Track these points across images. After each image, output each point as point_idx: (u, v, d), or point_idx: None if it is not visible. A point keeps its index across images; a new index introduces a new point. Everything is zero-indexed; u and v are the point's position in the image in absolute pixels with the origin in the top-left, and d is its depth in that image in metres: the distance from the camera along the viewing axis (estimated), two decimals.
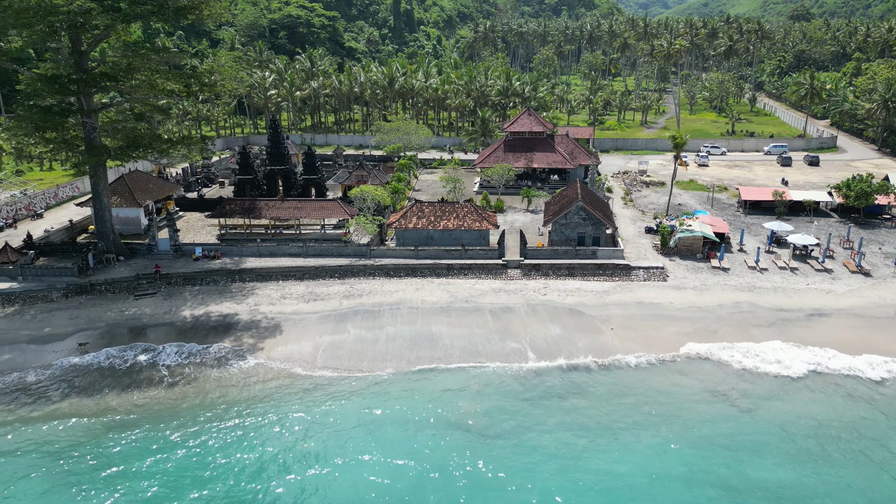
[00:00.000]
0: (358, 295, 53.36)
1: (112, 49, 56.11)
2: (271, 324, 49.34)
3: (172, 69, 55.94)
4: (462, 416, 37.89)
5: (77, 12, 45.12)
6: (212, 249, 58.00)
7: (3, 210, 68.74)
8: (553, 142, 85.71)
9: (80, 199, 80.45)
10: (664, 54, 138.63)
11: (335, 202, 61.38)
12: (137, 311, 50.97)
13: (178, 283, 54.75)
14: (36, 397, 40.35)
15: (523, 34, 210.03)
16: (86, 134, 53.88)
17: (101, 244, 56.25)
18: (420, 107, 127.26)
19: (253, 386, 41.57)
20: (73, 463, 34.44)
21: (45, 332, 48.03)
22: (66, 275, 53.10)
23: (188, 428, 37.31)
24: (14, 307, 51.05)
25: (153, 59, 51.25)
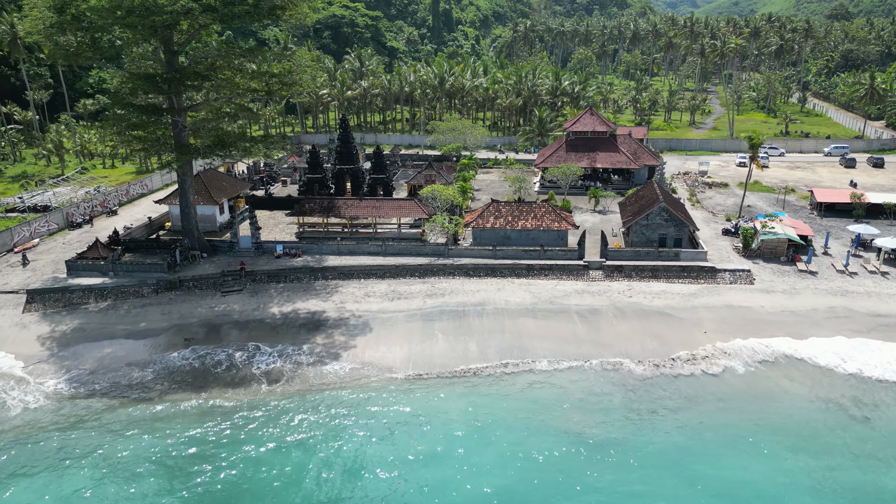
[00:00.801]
0: (440, 294, 53.46)
1: (195, 50, 56.82)
2: (359, 322, 49.68)
3: (253, 69, 56.44)
4: (571, 423, 37.39)
5: (180, 12, 45.92)
6: (292, 247, 58.60)
7: (80, 207, 70.37)
8: (615, 142, 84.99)
9: (158, 197, 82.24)
10: (717, 53, 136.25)
11: (412, 201, 61.58)
12: (227, 308, 51.71)
13: (262, 281, 55.44)
14: (141, 392, 41.14)
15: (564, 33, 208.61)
16: (175, 133, 54.84)
17: (186, 241, 57.17)
18: (469, 106, 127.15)
19: (351, 386, 41.80)
20: (182, 462, 34.98)
21: (140, 326, 49.01)
22: (155, 271, 54.11)
23: (295, 430, 37.68)
24: (107, 302, 52.17)
25: (246, 59, 51.97)
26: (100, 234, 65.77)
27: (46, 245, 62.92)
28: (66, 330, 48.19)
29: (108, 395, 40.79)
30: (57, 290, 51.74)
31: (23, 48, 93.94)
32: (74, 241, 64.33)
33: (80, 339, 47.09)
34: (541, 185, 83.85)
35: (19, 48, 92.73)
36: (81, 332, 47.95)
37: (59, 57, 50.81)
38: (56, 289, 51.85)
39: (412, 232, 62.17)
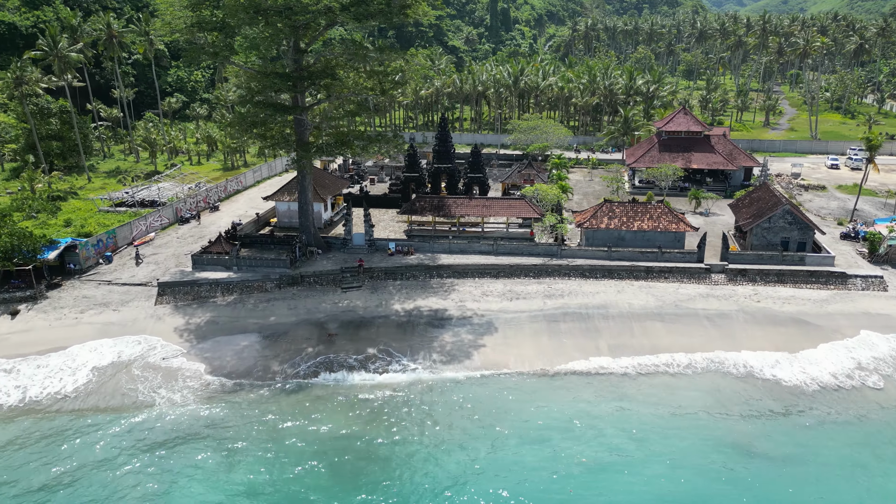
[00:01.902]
0: (559, 295, 53.06)
1: (317, 49, 57.63)
2: (483, 321, 49.64)
3: (369, 68, 56.91)
4: (735, 434, 36.38)
5: (322, 11, 46.59)
6: (404, 245, 58.95)
7: (187, 202, 72.21)
8: (710, 142, 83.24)
9: (252, 193, 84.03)
10: (798, 52, 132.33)
11: (523, 201, 61.30)
12: (350, 304, 52.30)
13: (379, 278, 55.92)
14: (284, 383, 41.85)
15: (627, 32, 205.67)
16: (297, 131, 55.70)
17: (304, 237, 58.04)
18: (542, 105, 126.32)
19: (491, 385, 41.77)
20: (339, 452, 35.43)
21: (270, 321, 49.92)
22: (278, 266, 55.09)
23: (448, 429, 37.83)
24: (233, 296, 53.31)
25: (371, 58, 52.49)
26: (209, 230, 67.46)
27: (162, 239, 64.72)
28: (200, 322, 49.41)
29: (255, 386, 41.61)
30: (186, 284, 53.11)
31: (118, 47, 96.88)
32: (187, 235, 66.04)
33: (216, 331, 48.21)
34: (633, 186, 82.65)
35: (114, 47, 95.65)
36: (215, 325, 49.10)
37: (196, 56, 52.01)
38: (185, 282, 53.23)
39: (520, 232, 61.93)
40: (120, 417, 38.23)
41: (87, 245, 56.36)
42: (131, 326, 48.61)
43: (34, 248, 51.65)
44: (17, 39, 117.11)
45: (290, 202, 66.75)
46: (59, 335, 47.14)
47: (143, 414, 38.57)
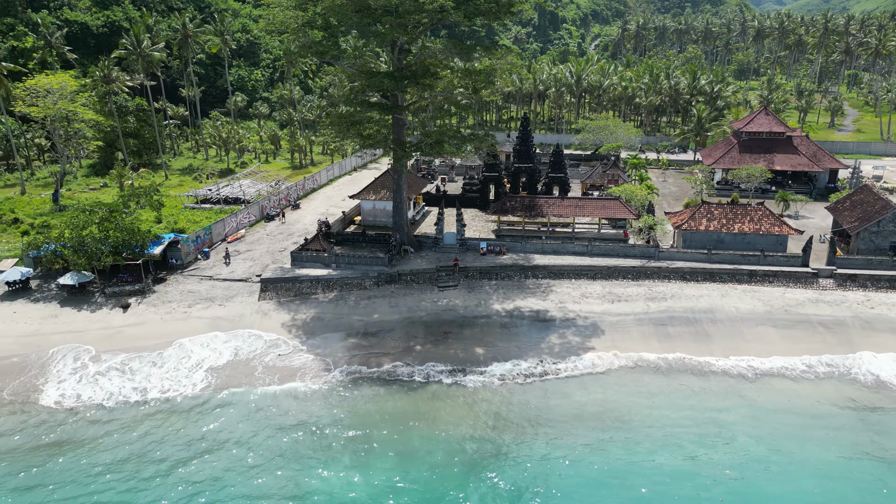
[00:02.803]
0: (661, 298, 52.25)
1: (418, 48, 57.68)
2: (587, 323, 49.14)
3: (463, 67, 56.83)
4: (882, 448, 35.19)
5: (438, 10, 46.68)
6: (496, 245, 58.74)
7: (271, 199, 73.16)
8: (793, 143, 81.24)
9: (327, 191, 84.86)
10: (871, 52, 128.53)
11: (616, 201, 60.58)
12: (449, 303, 52.28)
13: (474, 277, 55.81)
14: (400, 380, 41.94)
15: (682, 31, 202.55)
16: (395, 130, 55.91)
17: (398, 236, 58.24)
18: (604, 105, 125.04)
19: (612, 388, 41.32)
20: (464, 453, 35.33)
21: (374, 318, 50.16)
22: (376, 264, 55.37)
23: (586, 435, 37.51)
24: (333, 293, 53.74)
25: (475, 56, 52.43)
26: (295, 227, 68.23)
27: (252, 236, 65.63)
28: (305, 319, 49.90)
29: (372, 383, 41.80)
30: (287, 280, 53.72)
31: (193, 46, 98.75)
32: (275, 232, 66.87)
33: (322, 328, 48.64)
34: (715, 187, 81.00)
35: (189, 46, 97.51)
36: (321, 322, 49.54)
37: (303, 55, 52.54)
38: (286, 279, 53.83)
39: (612, 233, 61.21)
40: (247, 410, 38.80)
41: (187, 241, 57.41)
42: (239, 321, 49.30)
43: (142, 243, 52.82)
44: (88, 39, 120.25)
45: (375, 201, 67.17)
46: (171, 329, 48.07)
47: (267, 411, 39.03)
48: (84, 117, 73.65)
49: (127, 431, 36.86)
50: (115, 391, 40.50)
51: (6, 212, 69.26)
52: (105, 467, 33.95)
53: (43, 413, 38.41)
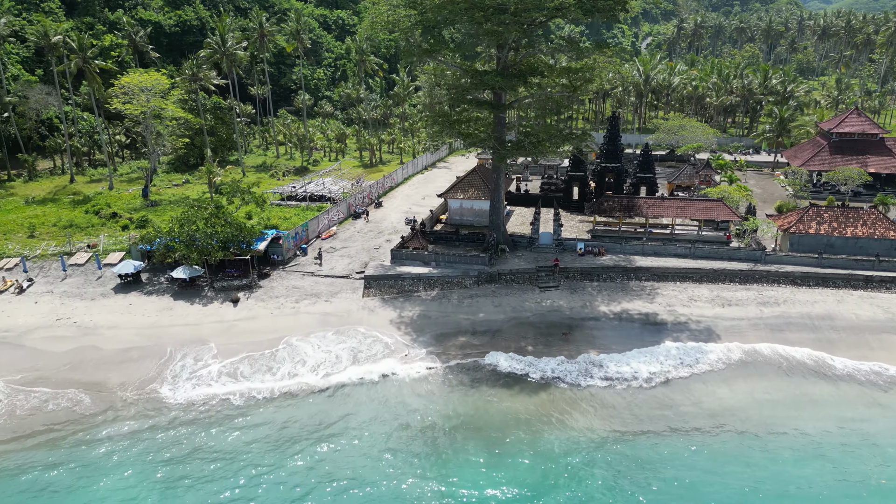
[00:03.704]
0: (773, 303, 50.79)
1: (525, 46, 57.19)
2: (700, 327, 48.00)
3: (562, 65, 56.25)
4: None
5: (558, 8, 46.25)
6: (594, 245, 57.95)
7: (356, 197, 73.66)
8: (886, 145, 78.37)
9: (405, 190, 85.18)
10: None
11: (719, 202, 59.18)
12: (553, 304, 51.74)
13: (575, 278, 55.15)
14: (517, 381, 41.55)
15: (742, 30, 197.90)
16: (496, 129, 55.60)
17: (494, 235, 57.95)
18: (672, 105, 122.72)
19: (743, 393, 40.23)
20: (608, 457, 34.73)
21: (479, 317, 49.92)
22: (476, 263, 55.15)
23: (725, 441, 36.56)
24: (435, 291, 53.68)
25: (585, 54, 51.82)
26: (383, 225, 68.50)
27: (344, 233, 66.14)
28: (412, 316, 49.94)
29: (491, 383, 41.51)
30: (390, 278, 53.89)
31: (269, 45, 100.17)
32: (365, 230, 67.26)
33: (430, 325, 48.55)
34: (807, 189, 78.63)
35: (265, 45, 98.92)
36: (428, 320, 49.50)
37: (411, 53, 52.66)
38: (388, 276, 54.01)
39: (713, 235, 59.80)
40: (375, 408, 38.90)
41: (288, 237, 58.09)
42: (347, 318, 49.58)
43: (249, 239, 53.61)
44: (161, 38, 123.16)
45: (462, 200, 67.04)
46: (282, 324, 48.60)
47: (395, 409, 39.07)
48: (175, 115, 75.20)
49: (258, 427, 37.19)
50: (239, 388, 40.95)
51: (102, 206, 71.19)
52: (245, 462, 34.34)
53: (172, 409, 38.87)
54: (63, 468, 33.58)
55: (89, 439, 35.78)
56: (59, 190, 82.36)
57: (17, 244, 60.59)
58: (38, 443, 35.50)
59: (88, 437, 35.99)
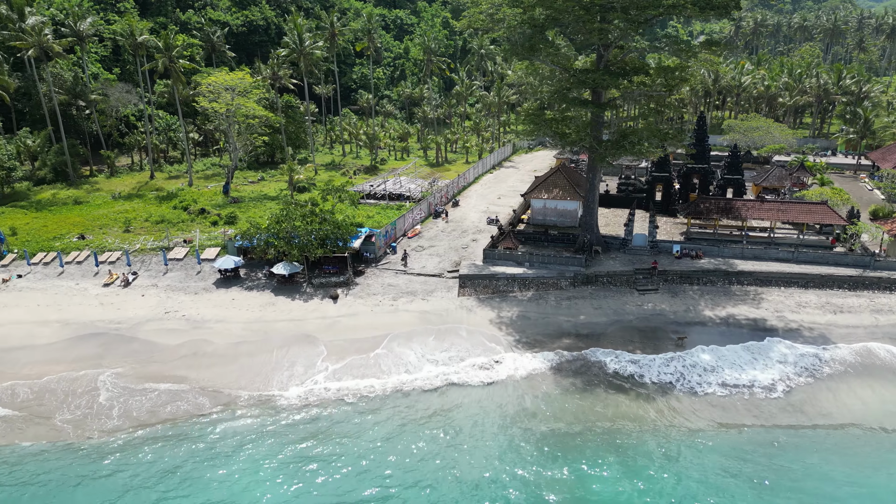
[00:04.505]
0: (888, 311, 48.81)
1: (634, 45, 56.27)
2: (814, 334, 46.37)
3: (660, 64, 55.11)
4: None
5: (672, 6, 45.33)
6: (692, 248, 56.62)
7: (435, 196, 73.63)
8: None
9: (478, 189, 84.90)
10: None
11: (823, 205, 57.18)
12: (655, 307, 50.68)
13: (674, 281, 53.95)
14: (646, 393, 40.69)
15: (805, 28, 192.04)
16: (594, 128, 54.76)
17: (588, 237, 57.13)
18: (742, 105, 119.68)
19: (877, 404, 38.67)
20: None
21: (580, 319, 49.18)
22: (571, 264, 54.44)
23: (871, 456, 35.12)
24: (530, 292, 53.15)
25: (693, 54, 50.67)
26: (464, 224, 68.24)
27: (429, 232, 66.11)
28: (511, 317, 49.49)
29: (607, 386, 40.73)
30: (485, 278, 53.56)
31: (338, 44, 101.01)
32: (448, 229, 67.11)
33: (530, 326, 48.00)
34: (891, 194, 75.74)
35: (335, 45, 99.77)
36: (527, 321, 48.98)
37: (515, 52, 52.22)
38: (483, 276, 53.68)
39: (816, 239, 57.82)
40: (491, 409, 38.58)
41: (380, 235, 58.29)
42: (447, 317, 49.40)
43: (346, 236, 53.93)
44: (229, 38, 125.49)
45: (546, 199, 66.24)
46: (383, 321, 48.70)
47: (513, 412, 38.67)
48: (256, 113, 76.35)
49: (378, 426, 37.10)
50: (350, 385, 40.95)
51: (189, 202, 72.67)
52: (370, 462, 34.35)
53: (288, 406, 38.99)
54: (193, 460, 34.09)
55: (211, 433, 36.27)
56: (141, 186, 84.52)
57: (114, 238, 62.25)
58: (166, 435, 36.16)
59: (210, 430, 36.49)
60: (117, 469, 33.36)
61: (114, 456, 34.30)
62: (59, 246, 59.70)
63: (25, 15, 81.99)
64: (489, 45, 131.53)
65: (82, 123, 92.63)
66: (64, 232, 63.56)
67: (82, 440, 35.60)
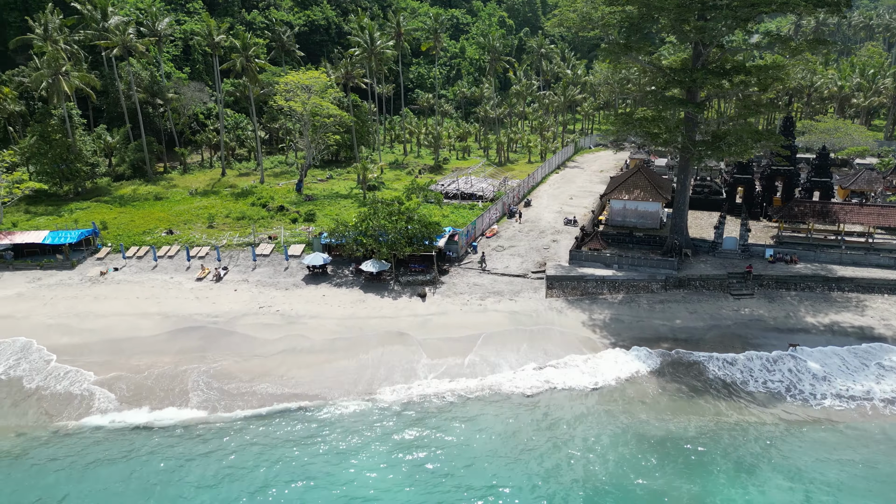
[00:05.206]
0: None
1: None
2: None
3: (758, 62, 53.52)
4: None
5: (784, 3, 44.04)
6: (787, 253, 54.87)
7: (509, 196, 73.17)
8: None
9: (546, 189, 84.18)
10: None
11: None
12: (752, 312, 49.23)
13: (769, 286, 52.35)
14: (758, 403, 39.48)
15: (871, 28, 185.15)
16: (688, 128, 53.55)
17: (678, 239, 55.91)
18: (813, 106, 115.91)
19: None
20: None
21: (676, 324, 48.07)
22: (662, 267, 53.34)
23: None
24: (620, 294, 52.25)
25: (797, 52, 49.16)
26: (539, 224, 67.61)
27: (505, 232, 65.69)
28: (604, 319, 48.70)
29: (717, 394, 39.68)
30: (573, 279, 52.86)
31: (404, 44, 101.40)
32: (525, 229, 66.57)
33: (626, 330, 47.13)
34: None
35: (400, 44, 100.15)
36: (621, 324, 48.12)
37: (611, 53, 51.45)
38: (571, 277, 53.00)
39: None
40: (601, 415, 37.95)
41: (462, 234, 58.14)
42: (538, 318, 48.88)
43: (434, 235, 53.90)
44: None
45: (626, 200, 65.13)
46: (473, 320, 48.44)
47: (630, 422, 37.98)
48: (332, 112, 77.11)
49: (486, 430, 36.73)
50: (450, 386, 40.72)
51: (267, 199, 73.82)
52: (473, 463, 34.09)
53: (393, 403, 39.14)
54: (307, 453, 34.37)
55: (323, 429, 36.53)
56: (213, 182, 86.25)
57: (200, 234, 63.59)
58: (277, 425, 36.55)
59: (321, 427, 36.75)
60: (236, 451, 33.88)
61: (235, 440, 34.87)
62: (149, 240, 61.29)
63: (108, 15, 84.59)
64: (549, 45, 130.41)
65: (157, 121, 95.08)
66: (151, 227, 65.23)
67: (208, 425, 36.33)
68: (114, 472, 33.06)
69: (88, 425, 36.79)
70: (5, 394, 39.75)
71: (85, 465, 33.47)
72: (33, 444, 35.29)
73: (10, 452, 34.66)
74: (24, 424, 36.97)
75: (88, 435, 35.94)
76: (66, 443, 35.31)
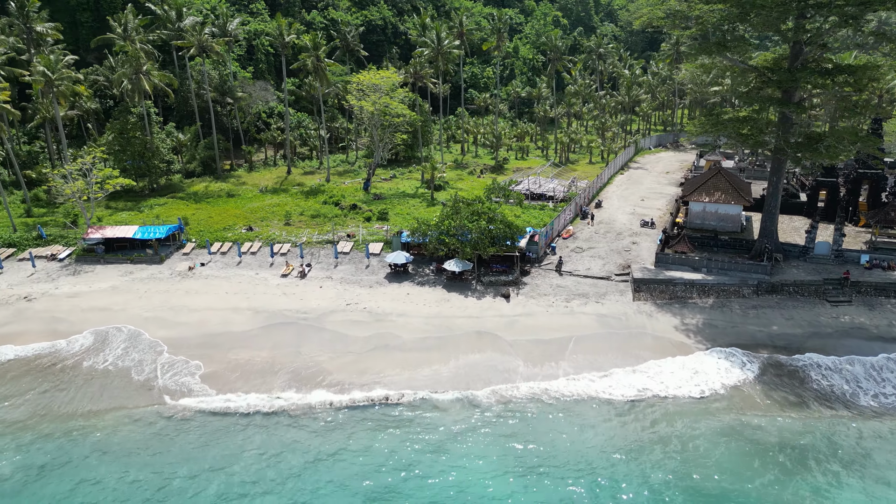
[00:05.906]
0: None
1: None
2: None
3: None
4: None
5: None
6: (884, 259, 52.84)
7: (581, 197, 72.30)
8: None
9: (613, 191, 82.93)
10: None
11: None
12: (852, 320, 47.51)
13: (868, 293, 50.45)
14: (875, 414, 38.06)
15: None
16: (782, 129, 51.96)
17: (769, 243, 54.35)
18: (885, 107, 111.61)
19: None
20: None
21: (773, 330, 46.65)
22: (754, 271, 51.92)
23: None
24: (710, 299, 51.03)
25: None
26: (614, 225, 66.60)
27: (581, 233, 64.86)
28: (697, 324, 47.59)
29: (822, 401, 38.33)
30: (661, 282, 51.85)
31: (466, 42, 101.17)
32: (601, 230, 65.66)
33: (721, 335, 45.95)
34: None
35: (464, 44, 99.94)
36: (715, 329, 46.95)
37: (705, 50, 50.31)
38: (658, 280, 51.99)
39: None
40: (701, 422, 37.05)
41: (542, 235, 57.62)
42: (627, 322, 48.05)
43: (516, 235, 53.53)
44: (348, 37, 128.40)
45: (706, 203, 63.70)
46: (561, 322, 47.91)
47: (741, 431, 36.98)
48: (401, 112, 77.39)
49: (605, 439, 36.40)
50: (546, 386, 40.34)
51: (338, 198, 74.51)
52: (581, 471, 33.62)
53: (492, 402, 39.09)
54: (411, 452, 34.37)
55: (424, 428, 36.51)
56: (281, 180, 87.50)
57: (279, 231, 64.47)
58: (379, 420, 36.68)
59: (431, 423, 36.75)
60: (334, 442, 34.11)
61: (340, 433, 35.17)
62: (231, 237, 62.41)
63: (184, 15, 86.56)
64: (607, 45, 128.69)
65: (224, 119, 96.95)
66: (230, 223, 66.42)
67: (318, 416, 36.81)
68: (253, 455, 33.80)
69: (205, 409, 37.79)
70: (125, 382, 40.71)
71: (240, 445, 34.22)
72: (168, 423, 36.66)
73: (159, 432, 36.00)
74: (144, 407, 37.87)
75: (216, 420, 36.75)
76: (186, 427, 36.15)
